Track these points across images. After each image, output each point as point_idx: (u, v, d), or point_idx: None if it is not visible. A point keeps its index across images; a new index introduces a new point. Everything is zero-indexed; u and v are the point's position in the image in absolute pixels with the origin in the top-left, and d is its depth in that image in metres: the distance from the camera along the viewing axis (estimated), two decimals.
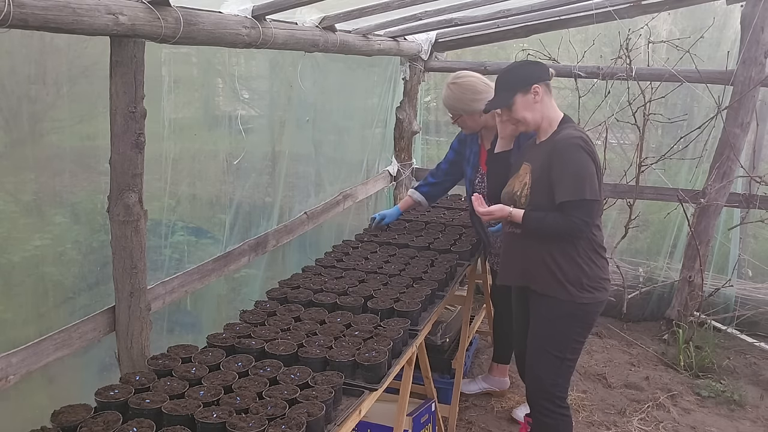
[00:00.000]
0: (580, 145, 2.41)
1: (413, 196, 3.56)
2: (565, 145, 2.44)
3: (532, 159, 2.58)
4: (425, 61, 4.72)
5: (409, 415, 2.73)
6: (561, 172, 2.43)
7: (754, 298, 4.51)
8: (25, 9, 1.49)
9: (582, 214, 2.41)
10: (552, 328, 2.56)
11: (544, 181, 2.48)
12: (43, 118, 2.04)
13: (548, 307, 2.55)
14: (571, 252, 2.48)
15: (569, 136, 2.45)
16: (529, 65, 2.65)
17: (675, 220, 4.60)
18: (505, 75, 2.60)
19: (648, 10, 4.19)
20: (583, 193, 2.40)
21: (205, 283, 2.68)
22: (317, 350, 2.11)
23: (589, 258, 2.51)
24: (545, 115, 2.55)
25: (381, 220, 3.59)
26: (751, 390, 3.84)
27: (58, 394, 2.14)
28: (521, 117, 2.55)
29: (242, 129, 2.92)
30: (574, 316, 2.52)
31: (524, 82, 2.52)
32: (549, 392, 2.58)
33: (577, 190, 2.40)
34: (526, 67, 2.62)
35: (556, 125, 2.56)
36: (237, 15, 2.36)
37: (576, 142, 2.42)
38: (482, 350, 4.24)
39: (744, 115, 4.03)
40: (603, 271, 2.57)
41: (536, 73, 2.54)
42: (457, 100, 3.07)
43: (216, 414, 1.73)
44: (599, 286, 2.53)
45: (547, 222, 2.47)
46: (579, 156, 2.41)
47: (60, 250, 2.15)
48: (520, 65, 2.66)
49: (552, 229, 2.47)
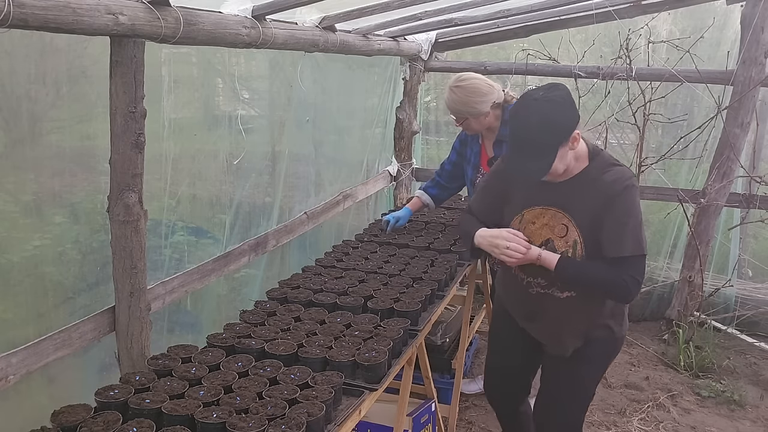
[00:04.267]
0: (635, 187, 2.04)
1: (422, 197, 3.50)
2: (622, 189, 2.02)
3: (568, 204, 2.11)
4: (425, 61, 4.72)
5: (409, 415, 2.73)
6: (619, 223, 2.02)
7: (754, 298, 4.52)
8: (25, 9, 1.49)
9: (636, 272, 2.03)
10: (593, 372, 2.31)
11: (596, 234, 2.07)
12: (43, 118, 2.04)
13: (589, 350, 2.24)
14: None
15: (623, 176, 2.04)
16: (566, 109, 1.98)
17: (675, 220, 4.60)
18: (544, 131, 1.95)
19: (648, 10, 4.19)
20: (642, 247, 2.02)
21: (205, 283, 2.68)
22: (317, 350, 2.11)
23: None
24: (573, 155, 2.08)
25: (396, 222, 3.49)
26: (751, 390, 3.84)
27: (58, 394, 2.15)
28: (555, 172, 2.03)
29: (242, 129, 2.92)
30: (613, 352, 2.32)
31: (567, 133, 1.97)
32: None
33: (636, 245, 2.01)
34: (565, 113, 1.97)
35: (585, 158, 2.11)
36: (237, 15, 2.36)
37: (632, 184, 2.03)
38: (482, 350, 4.24)
39: (744, 115, 4.03)
40: None
41: (575, 117, 2.00)
42: (461, 103, 3.04)
43: (216, 414, 1.73)
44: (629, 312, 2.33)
45: (590, 274, 2.07)
46: (636, 203, 2.04)
47: (60, 250, 2.15)
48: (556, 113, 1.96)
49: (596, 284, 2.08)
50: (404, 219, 3.51)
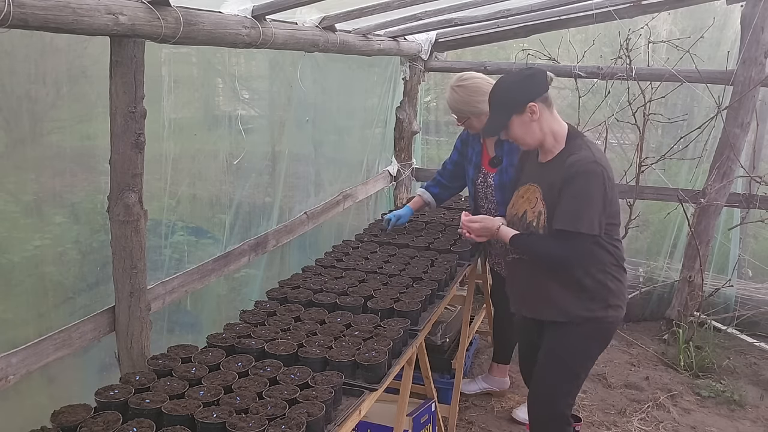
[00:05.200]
0: (595, 172, 2.24)
1: (423, 196, 3.50)
2: (578, 171, 2.25)
3: (542, 181, 2.38)
4: (425, 61, 4.72)
5: (409, 415, 2.73)
6: (567, 200, 2.26)
7: (754, 298, 4.52)
8: (25, 9, 1.49)
9: (574, 248, 2.28)
10: (573, 348, 2.44)
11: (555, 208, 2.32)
12: (43, 118, 2.04)
13: (571, 329, 2.40)
14: (595, 271, 2.35)
15: (585, 160, 2.26)
16: (522, 81, 2.35)
17: (675, 220, 4.61)
18: (497, 94, 2.38)
19: (648, 10, 4.19)
20: (579, 224, 2.24)
21: (205, 283, 2.68)
22: (317, 350, 2.11)
23: (613, 275, 2.39)
24: (548, 131, 2.35)
25: (397, 220, 3.49)
26: (751, 390, 3.84)
27: (58, 394, 2.15)
28: (519, 139, 2.38)
29: (242, 129, 2.92)
30: (594, 334, 2.42)
31: (518, 102, 2.30)
32: (560, 412, 2.49)
33: (575, 221, 2.24)
34: (520, 82, 2.34)
35: (563, 141, 2.36)
36: (237, 15, 2.36)
37: (592, 169, 2.24)
38: (482, 350, 4.24)
39: (744, 115, 4.04)
40: (623, 283, 2.46)
41: (530, 90, 2.30)
42: (463, 102, 3.05)
43: (216, 414, 1.73)
44: (621, 300, 2.43)
45: (539, 247, 2.36)
46: (590, 186, 2.24)
47: (60, 250, 2.15)
48: (511, 81, 2.38)
49: (544, 256, 2.36)
50: (405, 217, 3.51)
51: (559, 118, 2.40)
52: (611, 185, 2.30)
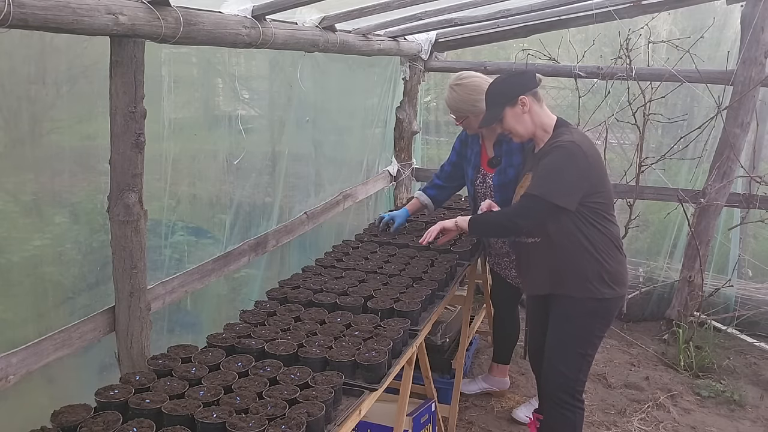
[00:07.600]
0: (569, 149, 2.44)
1: (420, 198, 3.50)
2: (553, 147, 2.49)
3: (534, 169, 2.59)
4: (425, 61, 4.72)
5: (409, 415, 2.73)
6: (538, 170, 2.49)
7: (754, 298, 4.51)
8: (25, 9, 1.49)
9: (528, 207, 2.49)
10: (574, 325, 2.59)
11: None
12: (43, 118, 2.04)
13: (570, 306, 2.58)
14: (590, 249, 2.51)
15: (564, 140, 2.48)
16: (513, 77, 2.67)
17: (675, 220, 4.60)
18: (491, 90, 2.64)
19: (648, 10, 4.19)
20: (540, 189, 2.44)
21: (205, 283, 2.68)
22: (317, 350, 2.11)
23: (607, 254, 2.54)
24: (538, 123, 2.58)
25: (390, 220, 3.49)
26: (751, 390, 3.84)
27: (58, 394, 2.14)
28: (512, 129, 2.60)
29: (242, 129, 2.92)
30: (595, 312, 2.57)
31: (510, 95, 2.55)
32: (571, 387, 2.63)
33: (536, 186, 2.46)
34: (510, 79, 2.64)
35: (551, 130, 2.59)
36: (237, 15, 2.36)
37: (566, 146, 2.45)
38: (482, 350, 4.24)
39: (744, 115, 4.03)
40: (622, 265, 2.61)
41: (521, 84, 2.57)
42: (462, 101, 3.05)
43: (216, 414, 1.73)
44: (619, 281, 2.58)
45: (493, 216, 2.69)
46: (561, 160, 2.44)
47: (60, 250, 2.15)
48: (503, 79, 2.66)
49: (501, 222, 2.62)
50: (400, 218, 3.50)
51: (548, 112, 2.62)
52: (593, 165, 2.47)
